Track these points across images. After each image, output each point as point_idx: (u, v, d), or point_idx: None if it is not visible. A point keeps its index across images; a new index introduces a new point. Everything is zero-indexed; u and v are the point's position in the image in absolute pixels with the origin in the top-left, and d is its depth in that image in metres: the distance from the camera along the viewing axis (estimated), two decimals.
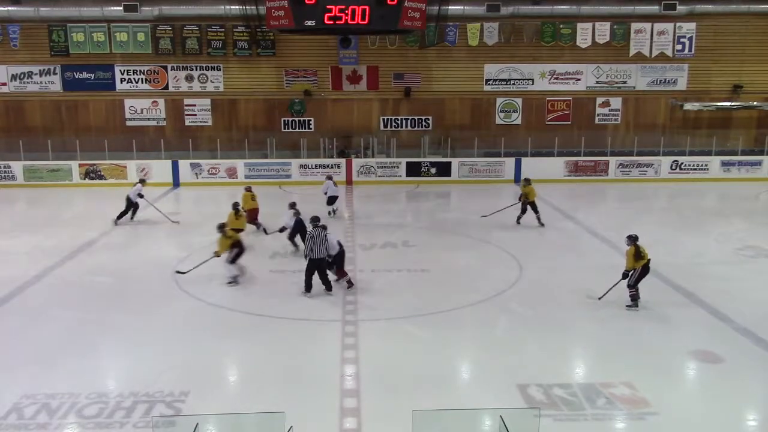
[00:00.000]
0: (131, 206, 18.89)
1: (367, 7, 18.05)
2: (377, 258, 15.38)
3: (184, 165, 25.18)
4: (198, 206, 22.11)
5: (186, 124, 26.69)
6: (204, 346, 10.47)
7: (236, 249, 13.33)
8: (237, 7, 23.42)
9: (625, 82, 27.04)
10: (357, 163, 25.44)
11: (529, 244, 16.54)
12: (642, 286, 12.05)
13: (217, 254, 13.25)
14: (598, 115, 27.27)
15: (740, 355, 10.10)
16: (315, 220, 13.12)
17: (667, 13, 25.48)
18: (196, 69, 26.41)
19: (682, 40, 26.41)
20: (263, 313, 11.83)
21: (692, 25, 26.19)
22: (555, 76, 27.02)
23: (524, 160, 25.34)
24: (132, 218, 19.00)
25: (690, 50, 26.48)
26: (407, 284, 13.59)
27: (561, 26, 26.17)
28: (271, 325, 11.40)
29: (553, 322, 11.42)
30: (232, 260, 13.32)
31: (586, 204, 21.64)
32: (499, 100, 27.11)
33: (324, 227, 12.76)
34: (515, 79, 27.01)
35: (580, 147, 25.96)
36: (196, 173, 25.18)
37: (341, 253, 13.04)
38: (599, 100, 27.15)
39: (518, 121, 27.14)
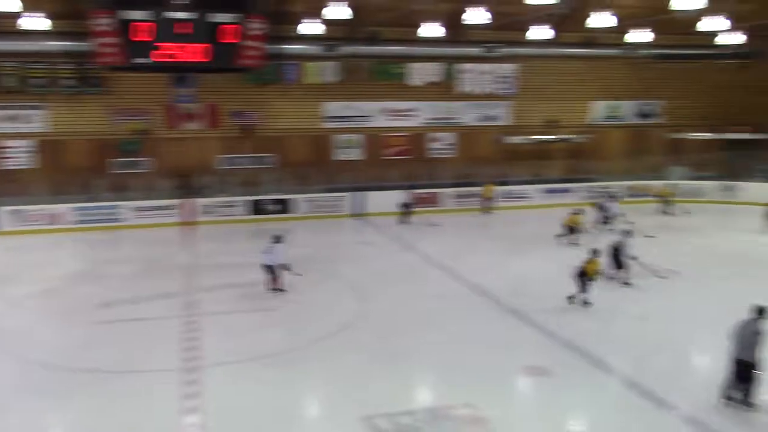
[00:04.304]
0: None
1: (203, 46, 17.71)
2: (220, 300, 14.95)
3: (2, 211, 22.98)
4: (17, 256, 20.23)
5: (4, 168, 24.42)
6: (22, 415, 9.54)
7: None
8: (60, 43, 22.19)
9: (455, 118, 28.79)
10: (197, 203, 24.64)
11: (373, 277, 16.90)
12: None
13: None
14: (433, 149, 28.72)
15: (568, 368, 10.96)
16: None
17: (489, 55, 27.56)
18: (17, 108, 24.40)
19: (504, 79, 28.72)
20: (94, 368, 11.04)
21: (512, 66, 28.57)
22: (392, 113, 28.17)
23: (365, 194, 25.92)
24: None
25: (511, 88, 28.83)
26: (252, 325, 13.32)
27: (394, 66, 27.40)
28: (103, 382, 10.66)
29: (398, 352, 11.73)
30: None
31: (426, 234, 22.55)
32: (339, 137, 27.72)
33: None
34: (354, 116, 27.81)
35: (419, 180, 27.07)
36: (17, 220, 23.06)
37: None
38: (434, 135, 28.65)
39: (358, 157, 27.85)
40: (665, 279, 15.98)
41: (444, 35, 22.08)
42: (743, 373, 9.31)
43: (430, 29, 21.59)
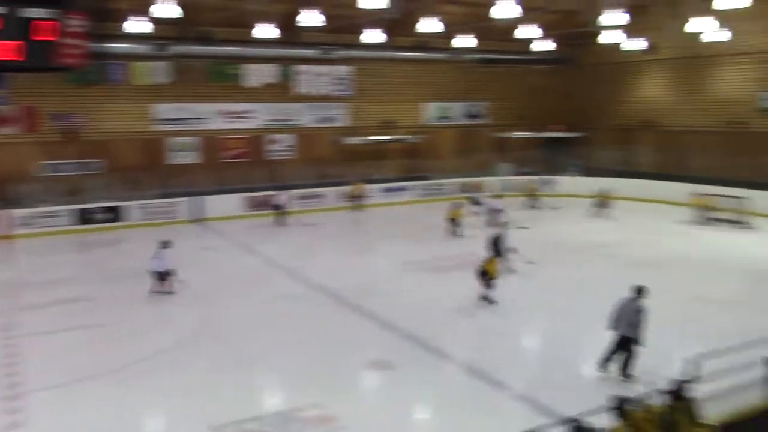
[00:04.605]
0: None
1: (15, 43, 16.25)
2: (46, 318, 13.79)
3: None
4: None
5: None
6: None
7: None
8: None
9: (294, 120, 28.76)
10: (12, 214, 22.45)
11: (216, 283, 16.42)
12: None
13: None
14: (272, 151, 28.48)
15: (410, 360, 11.40)
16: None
17: (326, 57, 27.86)
18: None
19: (340, 81, 29.16)
20: None
21: (347, 68, 29.09)
22: (229, 115, 27.54)
23: (204, 199, 25.14)
24: None
25: (348, 90, 29.35)
26: (82, 343, 12.40)
27: (229, 67, 26.83)
28: None
29: (243, 358, 11.55)
30: None
31: (268, 237, 22.36)
32: (174, 140, 26.63)
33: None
34: (189, 118, 26.83)
35: (259, 183, 26.74)
36: None
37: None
38: (272, 136, 28.42)
39: (195, 160, 26.93)
40: (534, 264, 17.01)
41: (279, 36, 21.98)
42: (624, 347, 10.16)
43: (265, 30, 21.39)
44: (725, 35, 23.01)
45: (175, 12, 17.81)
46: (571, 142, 33.08)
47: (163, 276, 15.02)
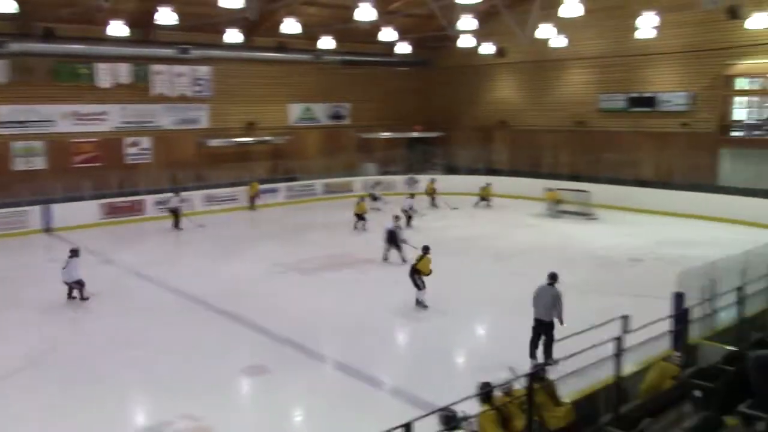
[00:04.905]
0: None
1: None
2: None
3: None
4: None
5: None
6: None
7: None
8: None
9: (152, 122, 27.47)
10: None
11: (61, 297, 15.10)
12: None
13: None
14: (128, 154, 27.01)
15: (284, 363, 11.32)
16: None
17: (182, 57, 26.85)
18: None
19: (200, 81, 28.24)
20: None
21: (207, 68, 28.24)
22: (79, 117, 25.79)
23: (54, 207, 23.41)
24: None
25: (208, 91, 28.49)
26: None
27: (78, 66, 25.14)
28: None
29: (104, 375, 10.89)
30: None
31: (126, 244, 21.24)
32: (16, 144, 24.52)
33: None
34: (33, 121, 24.80)
35: (114, 188, 25.32)
36: None
37: None
38: (128, 140, 26.97)
39: (42, 166, 24.98)
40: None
41: (133, 35, 20.96)
42: (544, 332, 10.62)
43: (117, 28, 20.30)
44: (564, 41, 24.84)
45: (10, 6, 16.36)
46: (432, 142, 34.29)
47: (72, 286, 14.74)
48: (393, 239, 17.80)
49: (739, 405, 6.13)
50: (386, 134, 33.52)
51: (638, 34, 22.85)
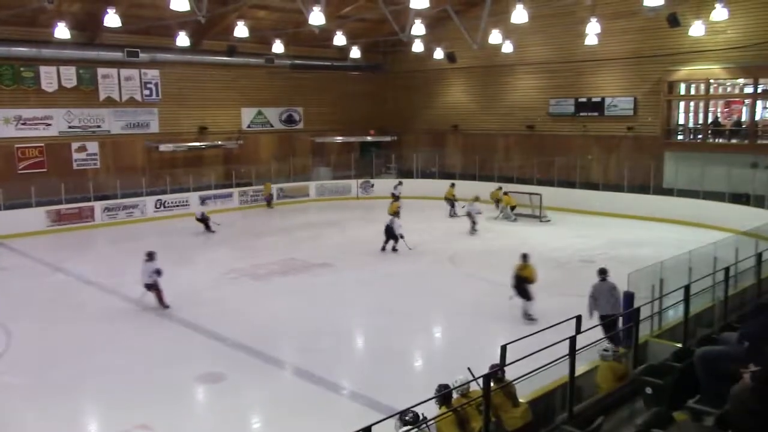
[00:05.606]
0: None
1: None
2: None
3: None
4: None
5: None
6: None
7: None
8: None
9: (99, 126, 26.77)
10: None
11: (16, 308, 14.77)
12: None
13: None
14: (75, 160, 26.30)
15: (241, 369, 11.20)
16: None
17: (130, 60, 26.30)
18: None
19: (149, 85, 27.68)
20: None
21: (156, 72, 27.72)
22: (23, 122, 24.98)
23: None
24: None
25: (157, 95, 27.95)
26: None
27: (22, 69, 24.37)
28: None
29: (57, 385, 10.60)
30: None
31: (76, 253, 20.68)
32: None
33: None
34: None
35: (61, 195, 24.61)
36: None
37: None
38: (75, 145, 26.23)
39: None
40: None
41: (79, 37, 20.43)
42: (613, 326, 10.55)
43: (61, 31, 19.74)
44: (511, 47, 25.21)
45: None
46: (385, 146, 34.42)
47: (150, 288, 14.56)
48: (390, 232, 19.85)
49: (688, 400, 6.32)
50: (340, 138, 33.49)
51: (585, 41, 23.43)
